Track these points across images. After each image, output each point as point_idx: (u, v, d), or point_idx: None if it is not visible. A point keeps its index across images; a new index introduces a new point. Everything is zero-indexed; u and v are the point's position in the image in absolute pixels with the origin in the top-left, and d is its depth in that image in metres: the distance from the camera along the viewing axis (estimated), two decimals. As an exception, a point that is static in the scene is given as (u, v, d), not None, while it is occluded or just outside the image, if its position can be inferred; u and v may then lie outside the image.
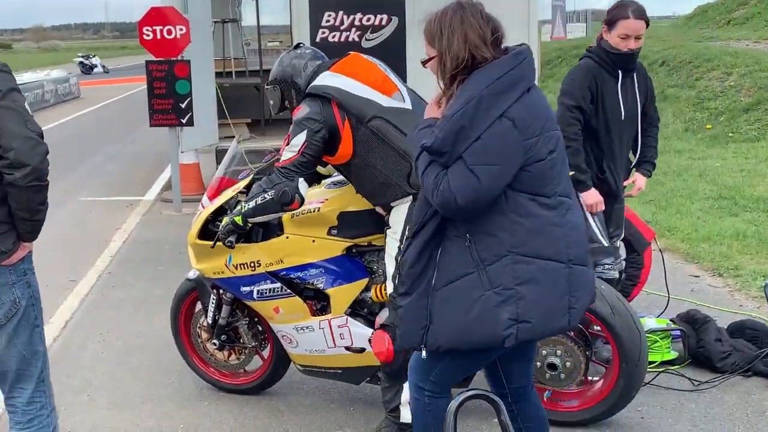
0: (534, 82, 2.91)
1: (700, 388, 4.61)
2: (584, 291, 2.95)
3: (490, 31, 2.87)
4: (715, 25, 25.03)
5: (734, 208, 8.65)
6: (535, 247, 2.83)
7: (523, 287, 2.82)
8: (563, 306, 2.87)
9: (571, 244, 2.89)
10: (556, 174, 2.88)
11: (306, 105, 3.95)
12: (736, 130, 12.94)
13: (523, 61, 2.85)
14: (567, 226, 2.89)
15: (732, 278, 6.52)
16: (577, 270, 2.90)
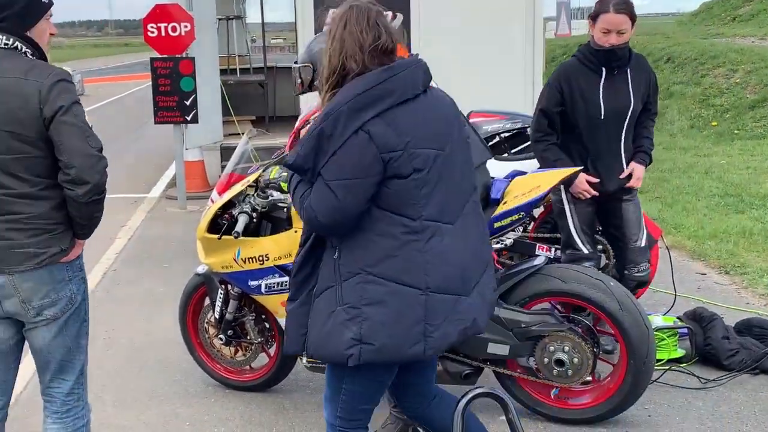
0: (414, 93, 2.71)
1: (707, 386, 4.59)
2: (450, 320, 2.79)
3: (372, 38, 2.69)
4: (720, 22, 24.97)
5: (740, 206, 8.62)
6: (389, 269, 2.72)
7: (370, 308, 2.72)
8: (417, 333, 2.74)
9: (432, 271, 2.74)
10: (423, 196, 2.71)
11: None
12: (741, 128, 12.91)
13: (395, 75, 2.67)
14: (430, 252, 2.73)
15: (739, 276, 6.50)
16: (439, 298, 2.76)
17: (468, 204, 2.86)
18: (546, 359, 4.10)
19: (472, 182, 2.88)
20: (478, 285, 2.88)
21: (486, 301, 2.93)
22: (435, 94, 2.85)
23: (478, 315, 2.87)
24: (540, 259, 4.24)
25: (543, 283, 4.11)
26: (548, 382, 4.18)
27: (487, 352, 4.15)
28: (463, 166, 2.85)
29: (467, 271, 2.84)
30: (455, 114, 2.89)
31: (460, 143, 2.84)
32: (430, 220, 2.74)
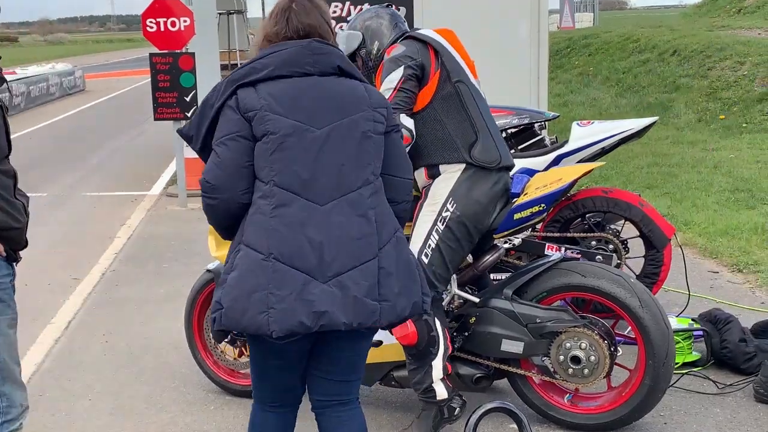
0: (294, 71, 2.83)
1: (724, 391, 4.44)
2: (299, 300, 2.68)
3: (273, 23, 2.94)
4: (725, 14, 24.74)
5: (751, 201, 8.45)
6: (245, 232, 2.79)
7: (231, 273, 2.77)
8: (258, 300, 2.68)
9: (276, 238, 2.72)
10: (275, 160, 2.76)
11: (402, 44, 3.99)
12: (750, 121, 12.73)
13: (274, 53, 2.86)
14: (277, 219, 2.74)
15: (752, 274, 6.34)
16: (283, 269, 2.70)
17: (352, 194, 2.82)
18: (561, 357, 3.94)
19: (363, 178, 2.84)
20: (342, 277, 2.74)
21: (348, 297, 2.73)
22: (343, 83, 2.90)
23: (334, 308, 2.71)
24: (557, 255, 4.10)
25: (561, 278, 3.97)
26: (563, 382, 4.03)
27: (500, 350, 4.01)
28: (351, 156, 2.84)
29: (326, 256, 2.73)
30: (358, 108, 2.88)
31: (351, 134, 2.85)
32: (282, 188, 2.76)
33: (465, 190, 3.94)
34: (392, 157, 2.98)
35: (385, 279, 2.80)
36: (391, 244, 2.85)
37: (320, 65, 2.86)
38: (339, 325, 2.72)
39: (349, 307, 2.73)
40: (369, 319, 2.76)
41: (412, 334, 3.87)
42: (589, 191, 5.25)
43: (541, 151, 5.47)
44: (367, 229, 2.81)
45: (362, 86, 2.93)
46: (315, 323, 2.69)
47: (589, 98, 16.46)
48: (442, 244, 3.94)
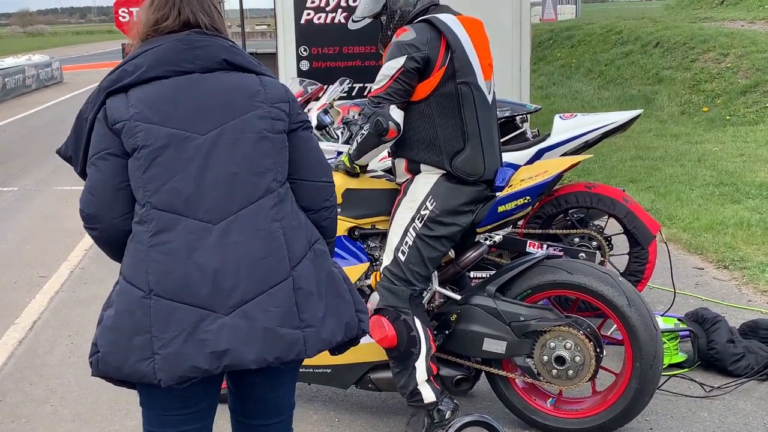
0: (170, 71, 2.42)
1: (712, 394, 4.28)
2: (191, 340, 2.27)
3: (155, 14, 2.49)
4: (707, 6, 24.66)
5: (736, 195, 8.30)
6: (125, 265, 2.38)
7: (108, 310, 2.36)
8: (141, 345, 2.26)
9: (157, 271, 2.29)
10: (150, 179, 2.33)
11: (414, 30, 3.74)
12: (733, 113, 12.60)
13: (146, 51, 2.43)
14: (157, 248, 2.31)
15: (738, 270, 6.18)
16: (168, 306, 2.28)
17: (251, 208, 2.39)
18: (545, 357, 3.77)
19: (263, 186, 2.42)
20: (246, 306, 2.32)
21: (257, 329, 2.30)
22: (232, 78, 2.49)
23: (239, 344, 2.28)
24: (542, 252, 3.93)
25: (547, 275, 3.80)
26: (547, 384, 3.86)
27: (482, 350, 3.84)
28: (245, 163, 2.41)
29: (223, 284, 2.31)
30: (251, 106, 2.46)
31: (244, 137, 2.42)
32: (162, 209, 2.33)
33: (445, 189, 3.76)
34: (302, 158, 2.55)
35: (305, 302, 2.38)
36: (308, 260, 2.44)
37: (201, 60, 2.45)
38: (247, 363, 2.29)
39: (258, 341, 2.30)
40: (290, 351, 2.34)
41: (391, 336, 3.72)
42: (572, 186, 5.08)
43: (523, 145, 5.30)
44: (273, 246, 2.38)
45: (257, 79, 2.51)
46: (215, 365, 2.27)
47: (571, 90, 16.32)
48: (419, 242, 3.76)
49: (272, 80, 2.55)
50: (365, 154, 3.86)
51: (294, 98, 2.59)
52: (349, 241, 4.07)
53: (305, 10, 10.21)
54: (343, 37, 9.96)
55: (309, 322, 2.37)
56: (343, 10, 10.23)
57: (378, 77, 3.72)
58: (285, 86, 2.60)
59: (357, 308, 2.56)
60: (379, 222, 4.06)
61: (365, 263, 4.05)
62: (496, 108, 3.96)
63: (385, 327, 3.73)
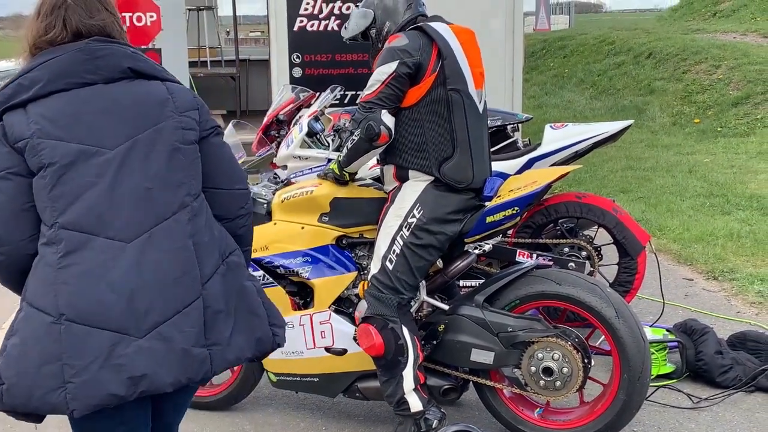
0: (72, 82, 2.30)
1: (699, 405, 4.28)
2: (107, 366, 2.14)
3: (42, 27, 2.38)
4: (700, 18, 24.75)
5: (726, 206, 8.32)
6: (30, 289, 2.22)
7: (11, 339, 2.21)
8: (51, 374, 2.12)
9: (67, 294, 2.16)
10: (57, 197, 2.21)
11: (406, 36, 3.74)
12: (725, 125, 12.63)
13: (43, 63, 2.31)
14: (67, 270, 2.17)
15: (728, 282, 6.19)
16: (81, 331, 2.14)
17: (167, 223, 2.29)
18: (533, 368, 3.76)
19: (178, 201, 2.32)
20: (162, 327, 2.21)
21: (174, 350, 2.21)
22: (138, 87, 2.38)
23: (156, 367, 2.18)
24: (531, 262, 3.92)
25: (535, 285, 3.79)
26: (534, 394, 3.85)
27: (470, 360, 3.83)
28: (159, 177, 2.31)
29: (138, 305, 2.19)
30: (160, 116, 2.36)
31: (156, 149, 2.32)
32: (70, 229, 2.20)
33: (433, 197, 3.75)
34: (215, 165, 2.46)
35: (213, 320, 2.29)
36: (219, 275, 2.35)
37: (104, 70, 2.33)
38: (164, 386, 2.20)
39: (175, 363, 2.21)
40: (199, 371, 2.26)
41: (379, 344, 3.71)
42: (562, 196, 5.08)
43: (513, 154, 5.30)
44: (188, 263, 2.28)
45: (164, 87, 2.40)
46: (131, 391, 2.16)
47: (563, 100, 16.34)
48: (407, 251, 3.75)
49: (179, 87, 2.46)
50: (356, 161, 3.84)
51: (203, 104, 2.49)
52: (337, 250, 4.05)
53: (298, 18, 10.20)
54: (336, 45, 9.94)
55: (215, 341, 2.29)
56: (336, 18, 10.23)
57: (369, 82, 3.71)
58: (192, 92, 2.51)
59: (272, 322, 2.47)
60: (367, 231, 4.05)
61: (353, 272, 4.04)
62: (487, 117, 3.96)
63: (373, 335, 3.72)
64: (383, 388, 3.83)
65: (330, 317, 3.99)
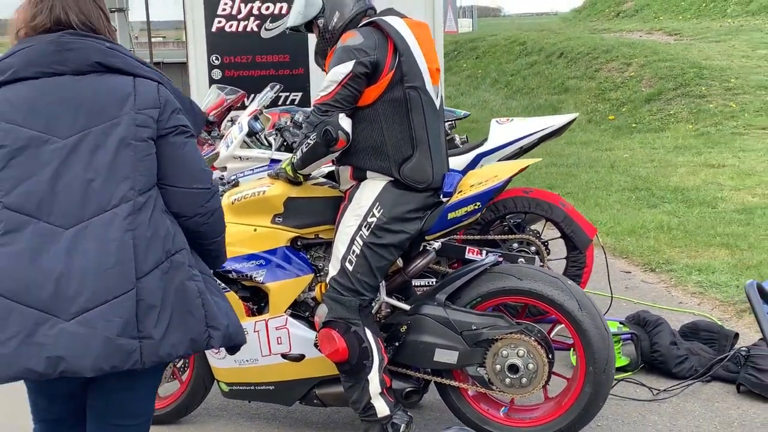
0: (38, 72, 2.39)
1: (659, 397, 4.26)
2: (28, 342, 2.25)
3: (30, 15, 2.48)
4: (604, 18, 25.35)
5: (652, 200, 8.46)
6: None
7: None
8: None
9: (3, 271, 2.28)
10: (5, 178, 2.33)
11: (361, 33, 3.59)
12: (639, 121, 12.88)
13: (18, 51, 2.43)
14: (5, 248, 2.29)
15: (665, 273, 6.25)
16: (5, 304, 2.27)
17: (105, 215, 2.34)
18: (498, 366, 3.67)
19: (119, 195, 2.37)
20: (89, 314, 2.28)
21: (97, 337, 2.27)
22: (104, 82, 2.43)
23: (77, 351, 2.25)
24: (491, 257, 3.83)
25: (497, 282, 3.70)
26: (500, 393, 3.76)
27: (433, 361, 3.72)
28: (103, 170, 2.36)
29: (67, 289, 2.27)
30: (117, 112, 2.41)
31: (105, 143, 2.38)
32: (12, 210, 2.31)
33: (393, 196, 3.63)
34: (172, 164, 2.49)
35: (146, 313, 2.33)
36: (159, 272, 2.38)
37: (72, 63, 2.41)
38: (84, 371, 2.26)
39: (97, 349, 2.26)
40: (126, 361, 2.29)
41: (342, 349, 3.56)
42: (509, 191, 5.02)
43: (459, 150, 5.21)
44: (122, 256, 2.32)
45: (131, 83, 2.45)
46: (51, 370, 2.24)
47: (480, 100, 16.46)
48: (367, 251, 3.62)
49: (147, 84, 2.47)
50: (311, 164, 3.70)
51: (168, 102, 2.49)
52: (292, 251, 3.90)
53: (216, 18, 9.97)
54: (256, 46, 9.78)
55: (147, 334, 2.33)
56: (256, 18, 10.04)
57: (324, 83, 3.57)
58: (161, 89, 2.50)
59: (209, 324, 2.47)
60: (323, 231, 3.91)
61: (309, 275, 3.89)
62: (443, 113, 3.86)
63: (336, 340, 3.58)
64: (348, 394, 3.70)
65: (287, 322, 3.84)
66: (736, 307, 5.43)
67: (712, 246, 6.74)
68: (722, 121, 12.05)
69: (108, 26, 2.55)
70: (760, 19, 18.73)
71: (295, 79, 9.63)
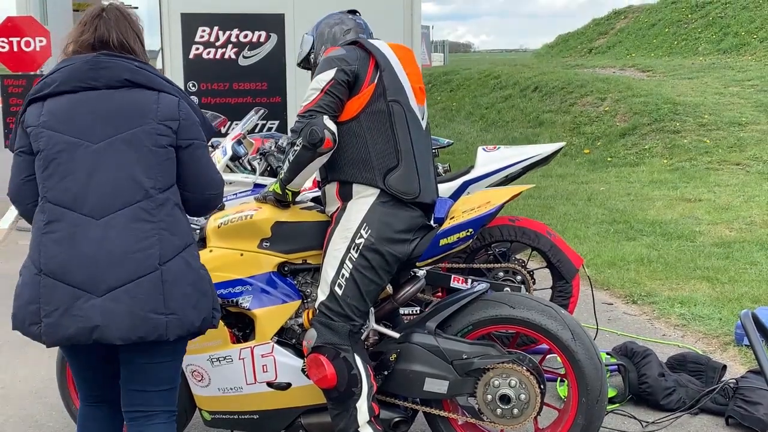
0: (78, 86, 2.82)
1: (648, 429, 4.20)
2: (68, 314, 2.69)
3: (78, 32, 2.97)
4: (576, 54, 25.58)
5: (630, 232, 8.46)
6: (30, 247, 2.84)
7: (20, 278, 2.82)
8: (33, 312, 2.73)
9: (46, 254, 2.74)
10: (46, 177, 2.79)
11: (343, 48, 3.66)
12: (614, 155, 12.95)
13: (60, 69, 2.88)
14: (48, 235, 2.75)
15: (647, 305, 6.22)
16: (50, 283, 2.71)
17: (130, 209, 2.78)
18: (489, 396, 3.59)
19: (142, 192, 2.80)
20: (117, 291, 2.72)
21: (124, 311, 2.71)
22: (131, 95, 2.87)
23: (108, 322, 2.70)
24: (482, 285, 3.77)
25: (488, 310, 3.64)
26: (490, 424, 3.68)
27: (423, 390, 3.64)
28: (128, 170, 2.80)
29: (99, 270, 2.73)
30: (141, 122, 2.84)
31: (131, 148, 2.82)
32: (55, 204, 2.77)
33: (380, 215, 3.57)
34: (187, 173, 2.93)
35: (170, 292, 2.77)
36: (180, 258, 2.83)
37: (104, 79, 2.85)
38: (113, 339, 2.71)
39: (125, 322, 2.71)
40: (152, 333, 2.74)
41: (331, 375, 3.48)
42: (496, 220, 4.97)
43: (446, 177, 5.18)
44: (145, 243, 2.77)
45: (155, 97, 2.87)
46: (87, 338, 2.70)
47: (455, 132, 16.48)
48: (356, 274, 3.55)
49: (169, 99, 2.89)
50: (299, 173, 3.61)
51: (187, 117, 2.92)
52: (279, 277, 3.80)
53: (194, 45, 9.92)
54: (233, 73, 9.74)
55: (171, 310, 2.76)
56: (234, 46, 10.00)
57: (307, 93, 3.56)
58: (181, 104, 2.92)
59: (213, 306, 2.94)
60: (311, 256, 3.82)
61: (296, 301, 3.79)
62: (430, 135, 3.82)
63: (324, 366, 3.50)
64: (335, 422, 3.60)
65: (273, 349, 3.74)
66: (720, 340, 5.41)
67: (692, 279, 6.73)
68: (697, 156, 12.14)
69: (142, 48, 3.01)
70: (731, 57, 18.97)
71: (272, 107, 9.57)
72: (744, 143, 12.39)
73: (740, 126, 13.02)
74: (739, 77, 16.31)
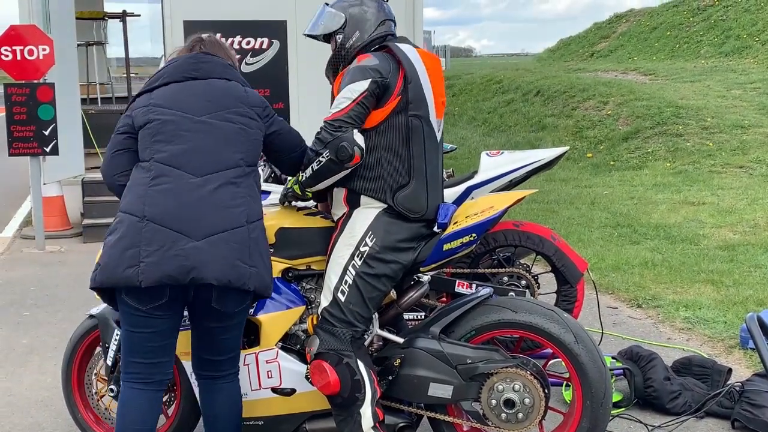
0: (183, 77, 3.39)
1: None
2: (168, 254, 3.06)
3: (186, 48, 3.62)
4: (578, 58, 25.59)
5: (634, 236, 8.46)
6: (125, 202, 3.23)
7: (110, 236, 3.18)
8: (130, 256, 3.06)
9: (151, 203, 3.14)
10: (156, 141, 3.26)
11: (376, 57, 3.62)
12: (617, 159, 12.95)
13: (169, 65, 3.48)
14: (155, 187, 3.17)
15: (652, 309, 6.21)
16: (155, 228, 3.09)
17: (225, 172, 3.26)
18: (494, 401, 3.59)
19: (234, 160, 3.29)
20: (214, 237, 3.13)
21: (219, 255, 3.11)
22: (225, 84, 3.43)
23: (204, 262, 3.08)
24: (486, 290, 3.77)
25: (492, 314, 3.63)
26: (495, 428, 3.68)
27: (427, 395, 3.64)
28: (223, 141, 3.31)
29: (198, 218, 3.14)
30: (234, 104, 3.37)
31: (225, 124, 3.33)
32: (162, 163, 3.22)
33: (385, 225, 3.57)
34: (283, 143, 3.59)
35: (255, 248, 3.23)
36: (260, 223, 3.32)
37: (203, 71, 3.43)
38: (209, 279, 3.08)
39: (218, 265, 3.10)
40: (239, 280, 3.15)
41: (334, 381, 3.48)
42: (500, 224, 4.97)
43: (450, 183, 5.16)
44: (238, 200, 3.24)
45: (243, 88, 3.47)
46: (184, 276, 3.06)
47: (458, 137, 16.48)
48: (359, 281, 3.55)
49: (253, 91, 3.52)
50: (322, 182, 3.63)
51: (267, 106, 3.53)
52: (283, 283, 3.80)
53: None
54: (237, 80, 9.73)
55: (254, 264, 3.21)
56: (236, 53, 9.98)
57: (338, 100, 3.53)
58: (262, 98, 3.53)
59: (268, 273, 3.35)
60: (315, 262, 3.83)
61: (300, 306, 3.80)
62: (443, 147, 3.82)
63: (327, 372, 3.50)
64: (340, 428, 3.60)
65: (277, 355, 3.74)
66: (725, 343, 5.40)
67: (697, 282, 6.73)
68: (700, 159, 12.14)
69: (233, 60, 3.64)
70: (733, 60, 18.98)
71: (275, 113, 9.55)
72: (747, 146, 12.39)
73: (743, 129, 13.02)
74: (742, 80, 16.32)
